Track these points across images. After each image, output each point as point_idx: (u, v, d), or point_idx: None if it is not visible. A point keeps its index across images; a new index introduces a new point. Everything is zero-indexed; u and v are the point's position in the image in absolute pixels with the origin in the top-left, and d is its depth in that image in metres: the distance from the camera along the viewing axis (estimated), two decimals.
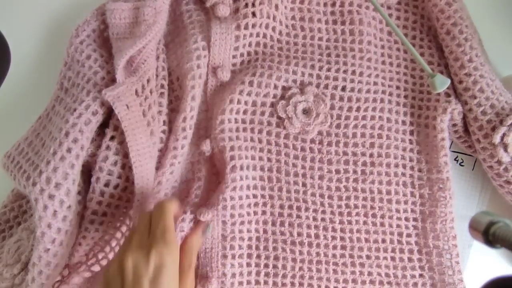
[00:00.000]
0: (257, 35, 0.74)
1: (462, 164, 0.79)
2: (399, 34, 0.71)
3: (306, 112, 0.73)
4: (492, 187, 0.76)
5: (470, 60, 0.71)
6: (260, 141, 0.73)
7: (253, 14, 0.73)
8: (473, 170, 0.79)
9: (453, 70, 0.73)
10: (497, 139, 0.69)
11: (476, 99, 0.71)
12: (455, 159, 0.79)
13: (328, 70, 0.73)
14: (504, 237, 0.44)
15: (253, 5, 0.73)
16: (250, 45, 0.75)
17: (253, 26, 0.73)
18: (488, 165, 0.73)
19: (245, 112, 0.73)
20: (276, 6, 0.74)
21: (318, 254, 0.72)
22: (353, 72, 0.74)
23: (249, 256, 0.71)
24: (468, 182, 0.78)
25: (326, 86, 0.73)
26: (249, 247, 0.72)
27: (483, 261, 0.77)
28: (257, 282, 0.71)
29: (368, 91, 0.74)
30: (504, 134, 0.69)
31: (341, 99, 0.73)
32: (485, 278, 0.41)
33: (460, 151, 0.78)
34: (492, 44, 0.76)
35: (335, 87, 0.73)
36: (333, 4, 0.76)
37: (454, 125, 0.75)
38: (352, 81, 0.73)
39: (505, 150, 0.70)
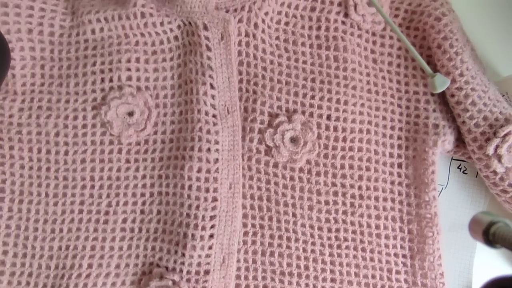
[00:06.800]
0: (239, 53, 0.74)
1: (465, 172, 0.78)
2: (398, 33, 0.70)
3: (293, 140, 0.73)
4: None
5: (461, 74, 0.70)
6: (249, 168, 0.72)
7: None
8: (476, 178, 0.78)
9: None
10: (490, 150, 0.70)
11: (469, 112, 0.70)
12: (458, 167, 0.78)
13: (312, 97, 0.73)
14: (504, 237, 0.43)
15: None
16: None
17: (234, 44, 0.73)
18: (484, 174, 0.73)
19: None
20: (256, 25, 0.73)
21: (307, 285, 0.72)
22: (338, 101, 0.73)
23: (237, 286, 0.72)
24: (472, 190, 0.78)
25: (311, 114, 0.72)
26: (238, 277, 0.72)
27: (483, 261, 0.77)
28: None
29: (353, 121, 0.73)
30: (497, 146, 0.70)
31: (327, 128, 0.72)
32: (485, 278, 0.41)
33: (463, 158, 0.78)
34: (492, 44, 0.77)
35: (320, 116, 0.72)
36: (318, 28, 0.75)
37: (448, 150, 0.75)
38: (336, 109, 0.72)
39: (499, 161, 0.70)
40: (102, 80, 0.73)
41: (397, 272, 0.72)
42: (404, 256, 0.73)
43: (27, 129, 0.72)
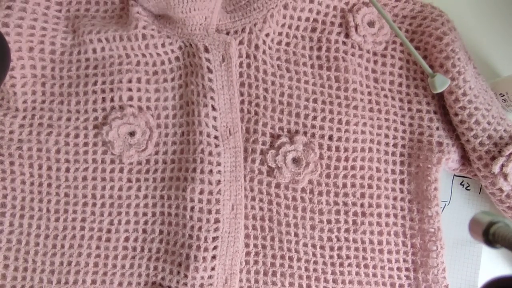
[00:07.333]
0: (241, 75, 0.74)
1: (468, 188, 0.78)
2: (398, 32, 0.70)
3: (295, 161, 0.72)
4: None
5: (464, 94, 0.70)
6: (252, 189, 0.72)
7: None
8: (480, 194, 0.78)
9: (448, 103, 0.72)
10: (496, 169, 0.70)
11: (473, 131, 0.71)
12: (460, 184, 0.78)
13: (314, 118, 0.73)
14: (504, 237, 0.44)
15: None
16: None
17: (235, 65, 0.73)
18: (490, 191, 0.73)
19: None
20: (256, 46, 0.74)
21: None
22: (339, 121, 0.73)
23: None
24: (476, 206, 0.78)
25: (313, 135, 0.73)
26: None
27: (484, 262, 0.77)
28: None
29: (355, 140, 0.73)
30: (503, 165, 0.70)
31: (329, 148, 0.73)
32: (486, 278, 0.40)
33: (466, 175, 0.78)
34: (492, 44, 0.78)
35: (322, 136, 0.72)
36: (319, 49, 0.75)
37: (453, 168, 0.76)
38: (338, 130, 0.73)
39: (505, 179, 0.70)
40: (103, 99, 0.73)
41: (401, 286, 0.73)
42: (407, 269, 0.73)
43: (28, 145, 0.72)
